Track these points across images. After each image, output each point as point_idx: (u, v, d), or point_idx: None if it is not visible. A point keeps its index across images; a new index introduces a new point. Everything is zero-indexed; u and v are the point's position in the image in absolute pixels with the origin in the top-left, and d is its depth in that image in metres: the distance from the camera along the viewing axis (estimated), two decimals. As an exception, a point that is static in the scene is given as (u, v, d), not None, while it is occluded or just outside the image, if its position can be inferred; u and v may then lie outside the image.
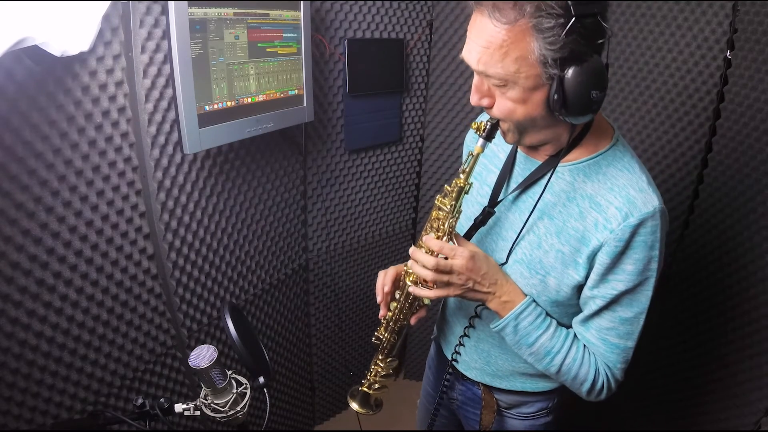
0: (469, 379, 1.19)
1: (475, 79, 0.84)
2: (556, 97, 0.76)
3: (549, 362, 0.95)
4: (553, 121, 0.84)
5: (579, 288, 0.92)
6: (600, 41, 0.75)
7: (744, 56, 1.46)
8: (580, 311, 0.95)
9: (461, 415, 1.29)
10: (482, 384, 1.17)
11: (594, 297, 0.90)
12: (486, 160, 1.08)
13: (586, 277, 0.90)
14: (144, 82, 1.16)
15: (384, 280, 1.08)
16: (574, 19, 0.70)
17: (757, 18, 1.40)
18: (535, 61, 0.74)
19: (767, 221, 1.39)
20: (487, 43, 0.76)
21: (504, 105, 0.82)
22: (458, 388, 1.25)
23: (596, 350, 0.94)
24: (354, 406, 1.21)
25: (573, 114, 0.78)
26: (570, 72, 0.74)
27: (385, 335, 1.13)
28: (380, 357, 1.17)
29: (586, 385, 0.95)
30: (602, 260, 0.86)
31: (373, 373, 1.20)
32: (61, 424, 1.13)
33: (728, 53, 1.50)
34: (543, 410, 1.16)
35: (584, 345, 0.95)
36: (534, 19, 0.71)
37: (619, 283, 0.86)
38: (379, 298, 1.09)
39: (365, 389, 1.21)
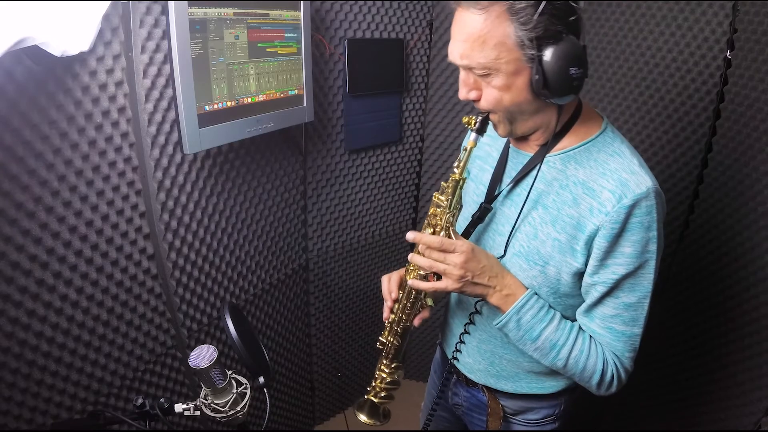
0: (474, 385, 1.17)
1: (462, 74, 0.88)
2: (537, 77, 0.80)
3: (555, 356, 0.93)
4: (539, 105, 0.87)
5: (579, 276, 0.92)
6: (572, 19, 0.79)
7: (744, 56, 1.46)
8: (583, 302, 0.95)
9: (467, 420, 1.28)
10: (487, 389, 1.15)
11: (595, 284, 0.89)
12: (480, 160, 1.10)
13: (586, 264, 0.90)
14: (144, 82, 1.16)
15: (390, 285, 1.08)
16: (544, 1, 0.75)
17: (757, 18, 1.40)
18: (513, 44, 0.79)
19: (767, 221, 1.39)
20: (467, 36, 0.81)
21: (490, 94, 0.85)
22: (463, 395, 1.23)
23: (602, 340, 0.93)
24: (362, 418, 1.17)
25: (556, 93, 0.81)
26: (547, 51, 0.78)
27: (389, 338, 1.11)
28: (384, 362, 1.15)
29: (596, 377, 0.93)
30: (600, 244, 0.86)
31: (378, 380, 1.17)
32: (61, 424, 1.13)
33: (728, 53, 1.50)
34: (549, 417, 1.14)
35: (590, 336, 0.94)
36: (507, 1, 0.76)
37: (619, 267, 0.86)
38: (389, 304, 1.08)
39: (371, 398, 1.17)
